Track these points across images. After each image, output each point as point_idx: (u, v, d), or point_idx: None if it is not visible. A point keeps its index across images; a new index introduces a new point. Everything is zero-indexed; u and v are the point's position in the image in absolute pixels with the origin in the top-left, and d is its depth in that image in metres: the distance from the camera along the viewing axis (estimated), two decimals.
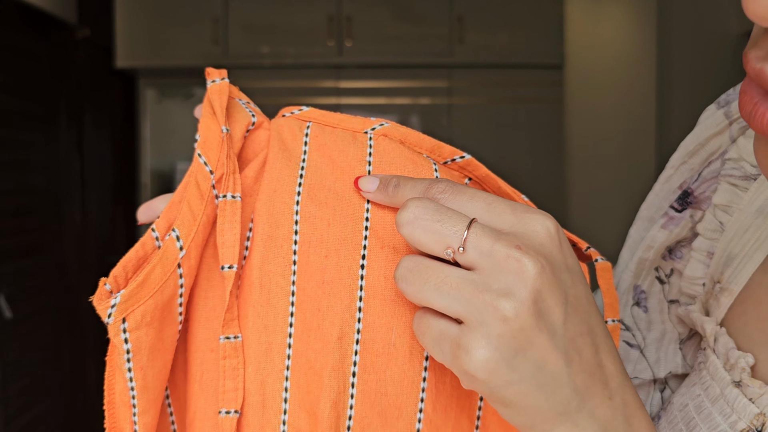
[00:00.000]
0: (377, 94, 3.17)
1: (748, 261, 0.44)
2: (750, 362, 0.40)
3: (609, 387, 0.35)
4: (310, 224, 0.41)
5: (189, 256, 0.40)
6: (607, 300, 0.45)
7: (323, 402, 0.40)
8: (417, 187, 0.38)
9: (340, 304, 0.41)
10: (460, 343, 0.34)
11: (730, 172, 0.46)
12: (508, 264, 0.33)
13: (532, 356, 0.34)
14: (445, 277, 0.34)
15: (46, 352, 2.62)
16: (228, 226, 0.41)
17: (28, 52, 2.56)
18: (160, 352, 0.40)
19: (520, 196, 0.44)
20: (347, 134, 0.44)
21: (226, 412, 0.40)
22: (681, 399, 0.45)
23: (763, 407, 0.38)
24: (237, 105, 0.44)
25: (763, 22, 0.24)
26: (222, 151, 0.41)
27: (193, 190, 0.41)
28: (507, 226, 0.35)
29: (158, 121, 3.21)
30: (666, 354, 0.51)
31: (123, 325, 0.38)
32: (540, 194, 3.07)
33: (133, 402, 0.40)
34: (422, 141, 0.44)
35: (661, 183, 0.52)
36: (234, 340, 0.41)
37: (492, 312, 0.33)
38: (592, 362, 0.35)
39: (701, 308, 0.46)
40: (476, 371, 0.33)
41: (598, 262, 0.45)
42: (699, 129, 0.49)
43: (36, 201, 2.62)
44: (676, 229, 0.49)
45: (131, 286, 0.38)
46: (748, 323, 0.42)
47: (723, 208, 0.46)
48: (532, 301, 0.33)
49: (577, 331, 0.35)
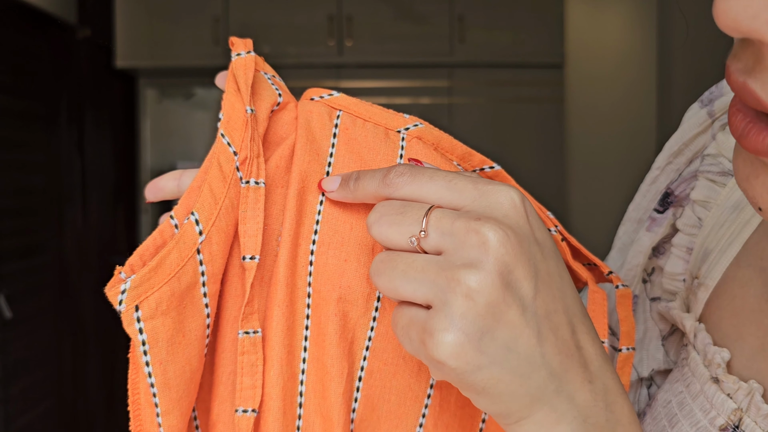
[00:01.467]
0: (378, 94, 3.17)
1: (723, 255, 0.43)
2: (726, 358, 0.40)
3: (589, 370, 0.34)
4: (332, 226, 0.40)
5: (210, 242, 0.37)
6: (624, 328, 0.43)
7: (336, 407, 0.39)
8: (376, 175, 0.37)
9: (356, 310, 0.39)
10: (426, 328, 0.32)
11: (709, 168, 0.46)
12: (468, 238, 0.32)
13: (501, 336, 0.32)
14: (412, 262, 0.34)
15: (46, 352, 2.63)
16: (251, 214, 0.38)
17: (29, 52, 2.56)
18: (182, 346, 0.37)
19: (546, 212, 0.43)
20: (379, 131, 0.42)
21: (243, 411, 0.38)
22: (664, 395, 0.45)
23: (740, 402, 0.38)
24: (262, 80, 0.42)
25: (733, 33, 0.23)
26: (246, 132, 0.39)
27: (215, 172, 0.38)
28: (469, 201, 0.34)
29: (158, 121, 3.21)
30: (648, 352, 0.50)
31: (137, 313, 0.35)
32: (540, 194, 3.05)
33: (155, 401, 0.37)
34: (454, 147, 0.43)
35: (647, 184, 0.51)
36: (253, 335, 0.38)
37: (455, 287, 0.31)
38: (570, 343, 0.33)
39: (682, 304, 0.46)
40: (441, 356, 0.32)
41: (619, 288, 0.43)
42: (683, 128, 0.48)
43: (37, 201, 2.62)
44: (659, 230, 0.49)
45: (143, 271, 0.35)
46: (723, 318, 0.42)
47: (701, 204, 0.46)
48: (497, 273, 0.31)
49: (550, 308, 0.33)
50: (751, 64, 0.24)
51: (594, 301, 0.42)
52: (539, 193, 2.14)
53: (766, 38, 0.22)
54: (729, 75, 0.26)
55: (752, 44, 0.24)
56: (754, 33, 0.22)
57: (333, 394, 0.39)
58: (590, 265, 0.45)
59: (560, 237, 0.43)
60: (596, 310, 0.42)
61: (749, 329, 0.40)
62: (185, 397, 0.38)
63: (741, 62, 0.25)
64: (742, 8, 0.22)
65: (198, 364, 0.38)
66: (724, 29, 0.23)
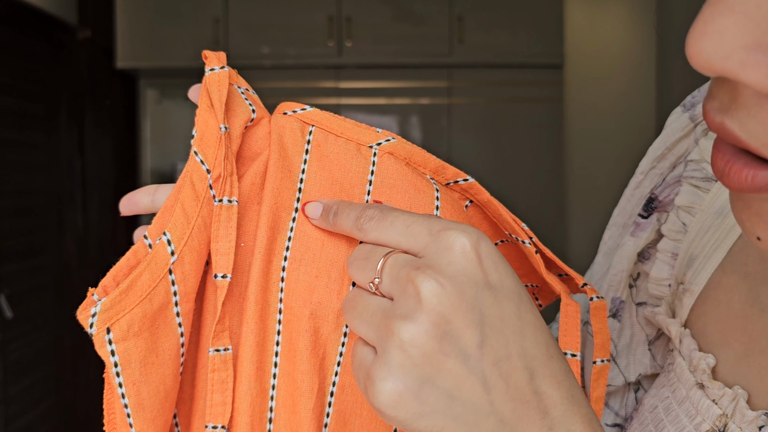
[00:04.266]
0: (377, 95, 3.17)
1: (708, 261, 0.43)
2: (711, 363, 0.40)
3: (549, 416, 0.32)
4: (303, 243, 0.40)
5: (182, 261, 0.37)
6: (598, 340, 0.43)
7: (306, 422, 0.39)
8: (351, 215, 0.38)
9: (327, 326, 0.40)
10: (369, 374, 0.33)
11: (692, 174, 0.46)
12: (407, 288, 0.33)
13: (442, 385, 0.32)
14: (367, 305, 0.35)
15: (46, 352, 2.63)
16: (223, 233, 0.38)
17: (29, 53, 2.57)
18: (155, 366, 0.37)
19: (520, 224, 0.43)
20: (351, 146, 0.42)
21: (213, 427, 0.39)
22: (651, 400, 0.45)
23: (725, 408, 0.38)
24: (236, 96, 0.42)
25: (707, 72, 0.23)
26: (220, 150, 0.39)
27: (187, 190, 0.38)
28: (422, 246, 0.34)
29: (158, 122, 3.22)
30: (635, 357, 0.50)
31: (108, 336, 0.35)
32: (539, 194, 3.06)
33: (129, 421, 0.37)
34: (427, 161, 0.43)
35: (631, 188, 0.51)
36: (224, 353, 0.39)
37: (391, 338, 0.32)
38: (525, 389, 0.32)
39: (667, 309, 0.46)
40: (380, 404, 0.32)
41: (593, 300, 0.43)
42: (666, 133, 0.49)
43: (36, 201, 2.63)
44: (644, 234, 0.49)
45: (114, 294, 0.35)
46: (708, 324, 0.42)
47: (686, 209, 0.46)
48: (431, 324, 0.31)
49: (501, 355, 0.32)
50: (726, 102, 0.24)
51: (567, 313, 0.42)
52: (537, 193, 2.16)
53: (739, 77, 0.22)
54: (706, 114, 0.25)
55: (727, 82, 0.24)
56: (728, 72, 0.22)
57: (303, 409, 0.39)
58: (565, 276, 0.45)
59: (534, 249, 0.43)
60: (569, 323, 0.42)
61: (734, 335, 0.41)
62: (160, 416, 0.38)
63: (717, 101, 0.25)
64: (714, 49, 0.22)
65: (173, 382, 0.38)
66: (698, 69, 0.23)
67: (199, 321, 0.41)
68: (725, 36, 0.22)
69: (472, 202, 0.45)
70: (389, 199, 0.42)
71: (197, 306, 0.40)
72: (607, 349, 0.43)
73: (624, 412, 0.52)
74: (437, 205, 0.42)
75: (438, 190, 0.43)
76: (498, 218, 0.44)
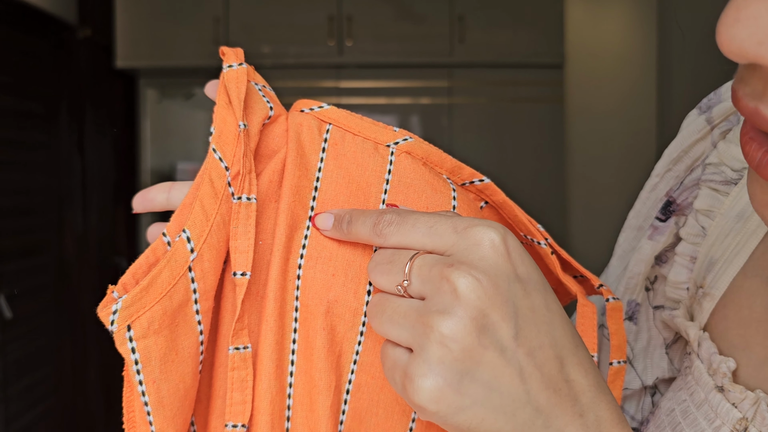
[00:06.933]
0: (378, 94, 3.17)
1: (729, 265, 0.43)
2: (731, 367, 0.40)
3: (579, 403, 0.34)
4: (320, 241, 0.40)
5: (201, 259, 0.37)
6: (615, 341, 0.43)
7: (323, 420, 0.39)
8: (367, 222, 0.38)
9: (343, 324, 0.40)
10: (407, 372, 0.33)
11: (711, 177, 0.46)
12: (442, 285, 0.33)
13: (481, 377, 0.32)
14: (397, 307, 0.35)
15: (46, 352, 2.62)
16: (242, 230, 0.38)
17: (29, 52, 2.56)
18: (175, 364, 0.37)
19: (536, 225, 0.43)
20: (368, 145, 0.42)
21: (233, 426, 0.38)
22: (668, 404, 0.45)
23: (745, 412, 0.38)
24: (254, 93, 0.42)
25: (739, 60, 0.23)
26: (238, 147, 0.38)
27: (206, 188, 0.38)
28: (449, 245, 0.35)
29: (158, 121, 3.21)
30: (652, 360, 0.50)
31: (128, 333, 0.35)
32: (540, 194, 3.06)
33: (149, 419, 0.37)
34: (444, 161, 0.43)
35: (647, 191, 0.51)
36: (243, 351, 0.39)
37: (430, 335, 0.32)
38: (557, 377, 0.33)
39: (686, 313, 0.46)
40: (421, 401, 0.32)
41: (609, 301, 0.43)
42: (682, 135, 0.48)
43: (37, 201, 2.62)
44: (662, 238, 0.49)
45: (134, 291, 0.35)
46: (729, 328, 0.42)
47: (705, 213, 0.46)
48: (469, 319, 0.32)
49: (534, 345, 0.33)
50: (760, 89, 0.24)
51: (583, 315, 0.42)
52: (539, 193, 2.16)
53: None
54: (738, 100, 0.25)
55: (760, 68, 0.24)
56: (761, 59, 0.22)
57: (320, 407, 0.39)
58: (581, 277, 0.45)
59: (550, 250, 0.43)
60: (585, 324, 0.42)
61: (756, 339, 0.40)
62: (179, 415, 0.38)
63: (749, 86, 0.24)
64: (747, 35, 0.22)
65: (192, 381, 0.38)
66: (729, 56, 0.23)
67: (217, 320, 0.41)
68: (759, 22, 0.22)
69: (487, 203, 0.44)
70: (406, 198, 0.41)
71: (215, 304, 0.40)
72: (624, 350, 0.43)
73: (640, 416, 0.52)
74: (454, 205, 0.42)
75: (455, 190, 0.42)
76: (513, 219, 0.44)
